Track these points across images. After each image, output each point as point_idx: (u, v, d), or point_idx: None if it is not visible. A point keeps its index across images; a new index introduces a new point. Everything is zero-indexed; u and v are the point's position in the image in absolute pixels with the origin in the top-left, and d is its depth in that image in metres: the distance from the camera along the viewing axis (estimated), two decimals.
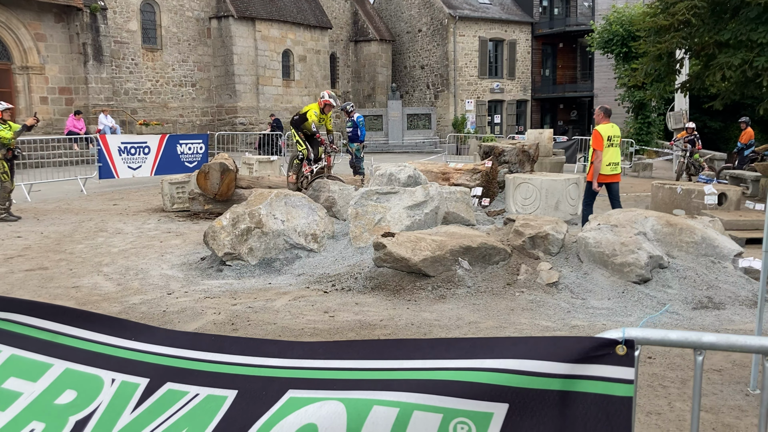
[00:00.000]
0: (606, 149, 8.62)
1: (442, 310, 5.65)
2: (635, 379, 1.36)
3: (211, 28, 28.66)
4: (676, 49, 12.80)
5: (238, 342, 1.70)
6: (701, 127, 25.50)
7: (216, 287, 6.46)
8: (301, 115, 11.12)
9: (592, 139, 8.80)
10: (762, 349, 1.35)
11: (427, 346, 1.51)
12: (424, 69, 38.23)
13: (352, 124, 14.25)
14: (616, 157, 8.79)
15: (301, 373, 1.56)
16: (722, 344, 1.37)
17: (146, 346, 1.71)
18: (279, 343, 1.67)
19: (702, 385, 4.02)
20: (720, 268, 6.41)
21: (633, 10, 24.74)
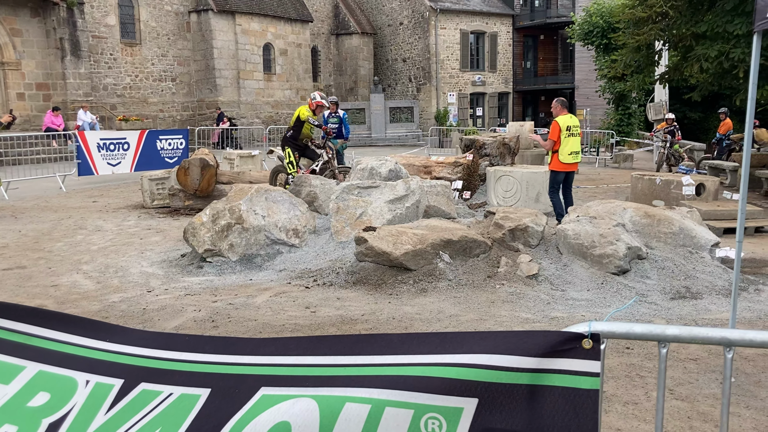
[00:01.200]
0: (566, 139, 8.80)
1: (423, 304, 5.67)
2: (601, 372, 1.38)
3: (190, 22, 28.42)
4: (654, 40, 12.89)
5: (212, 341, 1.70)
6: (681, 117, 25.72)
7: (196, 284, 6.44)
8: (294, 127, 10.63)
9: (550, 130, 8.95)
10: (723, 341, 1.37)
11: (398, 341, 1.52)
12: (406, 62, 38.19)
13: (337, 120, 13.70)
14: (577, 146, 8.97)
15: (273, 370, 1.56)
16: (685, 336, 1.39)
17: (121, 347, 1.71)
18: (252, 341, 1.68)
19: (679, 374, 4.08)
20: (697, 259, 6.49)
21: (613, 2, 24.84)
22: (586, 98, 33.01)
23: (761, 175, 13.78)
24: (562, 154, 8.84)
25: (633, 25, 13.02)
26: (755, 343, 1.36)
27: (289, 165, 10.56)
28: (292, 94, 31.91)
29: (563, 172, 8.99)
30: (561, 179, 9.06)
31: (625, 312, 5.40)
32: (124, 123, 23.26)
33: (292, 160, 10.54)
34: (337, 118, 13.66)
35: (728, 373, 1.46)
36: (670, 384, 3.96)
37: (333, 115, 13.60)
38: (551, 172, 9.08)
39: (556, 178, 9.04)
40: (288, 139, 10.69)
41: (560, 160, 8.87)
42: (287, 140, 10.71)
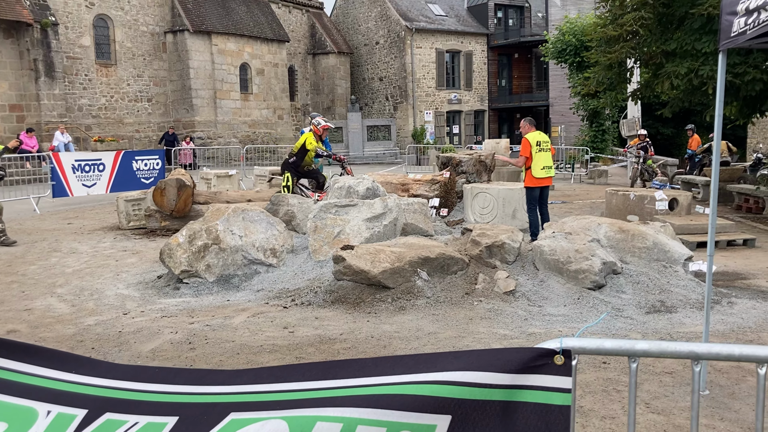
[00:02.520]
0: (537, 154, 8.96)
1: (402, 322, 5.67)
2: (573, 388, 1.40)
3: (166, 42, 28.37)
4: (626, 58, 13.11)
5: (182, 373, 1.69)
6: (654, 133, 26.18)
7: (173, 306, 6.38)
8: (297, 153, 10.49)
9: (521, 147, 9.09)
10: (691, 355, 1.40)
11: (371, 364, 1.53)
12: (382, 81, 38.43)
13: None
14: (549, 161, 9.11)
15: (244, 397, 1.56)
16: (654, 351, 1.42)
17: (87, 378, 1.69)
18: (224, 372, 1.68)
19: (654, 387, 4.11)
20: (671, 273, 6.58)
21: (585, 21, 25.30)
22: (561, 115, 33.43)
23: (732, 190, 14.03)
24: (535, 170, 8.97)
25: (605, 44, 13.25)
26: (722, 357, 1.39)
27: (284, 189, 10.43)
28: (270, 113, 31.91)
29: (538, 187, 9.11)
30: (536, 195, 9.17)
31: (601, 326, 5.45)
32: (99, 144, 23.06)
33: (288, 184, 10.44)
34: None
35: (696, 386, 1.48)
36: (647, 397, 4.00)
37: None
38: (526, 188, 9.19)
39: (531, 194, 9.15)
40: (289, 165, 10.60)
41: (533, 176, 9.00)
42: (288, 166, 10.61)
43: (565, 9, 32.55)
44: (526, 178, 9.18)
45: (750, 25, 3.43)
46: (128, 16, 27.09)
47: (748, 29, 3.46)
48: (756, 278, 7.48)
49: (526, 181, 9.15)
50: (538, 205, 9.23)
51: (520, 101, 40.00)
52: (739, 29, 3.56)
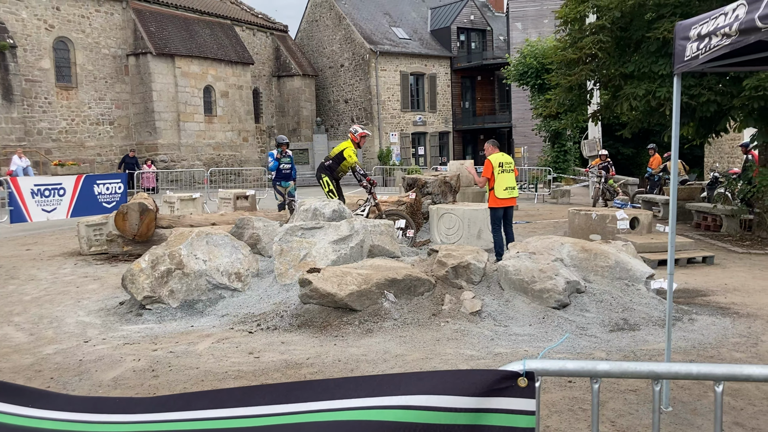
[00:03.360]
0: (500, 175, 9.09)
1: (369, 345, 5.65)
2: (537, 410, 1.41)
3: (129, 65, 28.13)
4: (586, 80, 13.41)
5: (142, 402, 1.66)
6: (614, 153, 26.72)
7: (135, 333, 6.25)
8: (334, 158, 10.37)
9: (484, 168, 9.22)
10: (651, 374, 1.42)
11: (334, 386, 1.51)
12: (348, 103, 38.62)
13: (290, 160, 13.58)
14: (511, 182, 9.24)
15: (206, 424, 1.53)
16: (615, 372, 1.44)
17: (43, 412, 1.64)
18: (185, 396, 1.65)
19: (619, 405, 4.16)
20: (634, 291, 6.69)
21: (545, 44, 25.84)
22: (524, 136, 33.95)
23: (691, 208, 14.36)
24: (498, 191, 9.09)
25: (565, 66, 13.53)
26: (680, 375, 1.42)
27: (329, 194, 10.29)
28: (234, 135, 31.77)
29: (501, 207, 9.22)
30: (500, 215, 9.27)
31: (566, 345, 5.50)
32: (59, 168, 22.64)
33: (331, 188, 10.32)
34: (289, 158, 13.60)
35: (657, 405, 1.50)
36: (612, 416, 4.03)
37: (285, 155, 13.54)
38: (490, 209, 9.29)
39: (495, 214, 9.25)
40: (326, 168, 10.43)
41: (496, 196, 9.12)
42: (324, 168, 10.43)
43: (526, 32, 33.24)
44: (489, 199, 9.30)
45: (702, 49, 3.54)
46: (89, 38, 26.83)
47: (701, 54, 3.57)
48: (715, 295, 7.64)
49: (490, 201, 9.26)
50: (502, 225, 9.33)
51: (483, 123, 40.55)
52: (692, 54, 3.68)
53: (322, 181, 10.39)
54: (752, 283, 8.27)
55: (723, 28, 3.27)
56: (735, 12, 3.19)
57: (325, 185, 10.35)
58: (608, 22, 11.83)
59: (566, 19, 13.39)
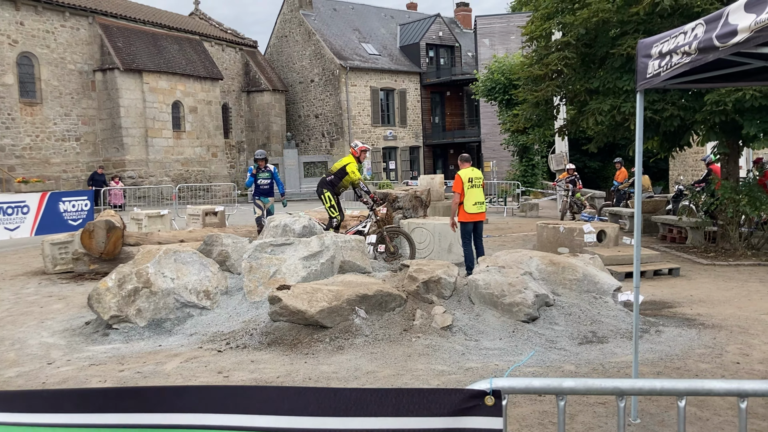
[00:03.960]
0: (469, 190, 9.18)
1: (340, 362, 5.61)
2: (504, 429, 1.41)
3: (95, 80, 27.81)
4: (552, 96, 13.60)
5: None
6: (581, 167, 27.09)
7: (102, 353, 6.14)
8: (336, 173, 10.34)
9: (454, 183, 9.31)
10: (616, 391, 1.44)
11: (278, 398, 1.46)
12: (318, 118, 38.64)
13: (269, 176, 13.02)
14: (480, 197, 9.35)
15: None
16: (581, 389, 1.45)
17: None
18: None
19: (588, 419, 4.19)
20: (602, 303, 6.77)
21: (512, 60, 26.18)
22: (492, 151, 34.27)
23: (657, 220, 14.61)
24: (467, 205, 9.18)
25: (532, 82, 13.72)
26: (644, 392, 1.44)
27: (330, 209, 10.32)
28: (203, 151, 31.53)
29: (471, 222, 9.30)
30: (470, 229, 9.35)
31: (535, 359, 5.53)
32: (23, 185, 22.19)
33: (333, 203, 10.28)
34: (268, 173, 13.03)
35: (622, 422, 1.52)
36: (581, 429, 4.06)
37: (263, 170, 13.01)
38: (460, 223, 9.35)
39: (465, 228, 9.32)
40: (327, 183, 10.41)
41: (466, 211, 9.20)
42: (326, 184, 10.41)
43: (493, 49, 33.65)
44: (459, 214, 9.36)
45: (663, 67, 3.62)
46: (54, 54, 26.48)
47: (662, 71, 3.65)
48: (681, 306, 7.77)
49: (460, 216, 9.33)
50: (472, 239, 9.39)
51: (453, 137, 40.89)
52: (654, 71, 3.76)
53: (324, 197, 10.36)
54: (717, 294, 8.43)
55: (683, 46, 3.35)
56: (694, 31, 3.27)
57: (327, 200, 10.32)
58: (573, 38, 12.04)
59: (532, 36, 13.59)
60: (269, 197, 13.03)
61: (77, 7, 27.10)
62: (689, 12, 10.20)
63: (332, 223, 10.33)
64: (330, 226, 10.31)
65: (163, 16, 33.62)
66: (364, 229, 10.38)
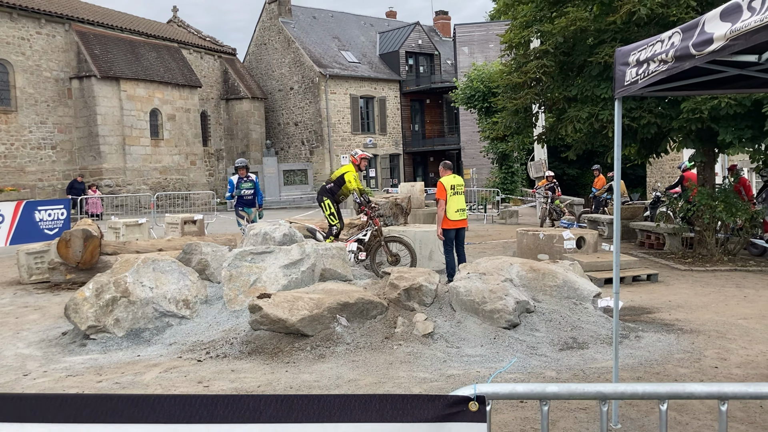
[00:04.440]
0: (451, 197, 9.23)
1: (321, 370, 5.58)
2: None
3: (72, 88, 27.52)
4: (531, 104, 13.71)
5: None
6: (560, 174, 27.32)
7: (79, 364, 6.04)
8: (335, 181, 10.32)
9: (437, 190, 9.34)
10: (599, 395, 1.44)
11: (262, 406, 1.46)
12: (298, 126, 38.57)
13: (252, 185, 12.58)
14: (462, 204, 9.40)
15: None
16: (564, 393, 1.46)
17: None
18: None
19: (570, 424, 4.20)
20: (582, 309, 6.81)
21: (491, 68, 26.37)
22: (472, 158, 34.45)
23: (635, 227, 14.76)
24: (450, 212, 9.20)
25: (510, 90, 13.82)
26: (626, 396, 1.44)
27: (330, 217, 10.23)
28: (182, 159, 31.32)
29: (453, 229, 9.32)
30: (452, 236, 9.37)
31: (517, 365, 5.54)
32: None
33: (332, 211, 10.22)
34: (251, 183, 12.66)
35: (604, 426, 1.53)
36: None
37: (245, 180, 12.61)
38: (443, 230, 9.36)
39: (447, 235, 9.34)
40: (327, 191, 10.36)
41: (448, 218, 9.22)
42: (326, 192, 10.36)
43: (472, 57, 33.89)
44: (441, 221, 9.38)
45: (641, 75, 3.67)
46: (30, 61, 26.18)
47: (640, 79, 3.69)
48: (660, 312, 7.84)
49: (442, 223, 9.34)
50: (454, 246, 9.41)
51: (433, 145, 41.04)
52: (631, 79, 3.80)
53: (324, 204, 10.30)
54: (695, 300, 8.53)
55: (660, 54, 3.40)
56: (671, 39, 3.31)
57: (327, 208, 10.25)
58: (551, 47, 12.16)
59: (511, 44, 13.71)
60: (252, 207, 12.67)
61: (53, 14, 26.84)
62: (665, 21, 10.35)
63: (332, 231, 10.27)
64: (330, 234, 10.27)
65: (141, 23, 33.42)
66: (364, 237, 10.36)
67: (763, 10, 2.60)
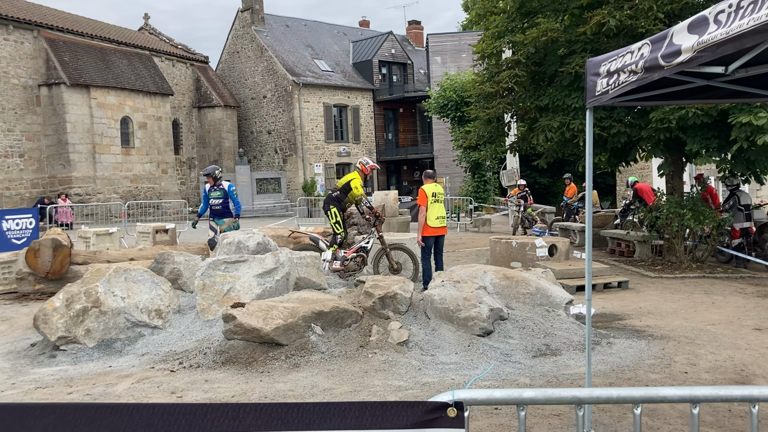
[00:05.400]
0: (431, 205, 9.34)
1: (296, 380, 5.56)
2: None
3: (40, 95, 27.08)
4: (503, 113, 13.86)
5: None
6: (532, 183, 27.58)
7: (48, 375, 5.94)
8: (341, 189, 10.33)
9: (418, 197, 9.46)
10: (574, 400, 1.47)
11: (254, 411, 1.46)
12: (271, 134, 38.41)
13: (221, 194, 11.57)
14: (442, 212, 9.54)
15: None
16: (541, 398, 1.48)
17: None
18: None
19: (544, 430, 4.24)
20: (554, 316, 6.88)
21: (464, 78, 26.59)
22: (445, 167, 34.63)
23: (606, 235, 14.96)
24: (430, 219, 9.30)
25: (483, 100, 13.96)
26: (602, 400, 1.47)
27: (336, 225, 10.17)
28: (153, 167, 30.99)
29: (432, 236, 9.39)
30: (431, 244, 9.43)
31: (491, 372, 5.58)
32: None
33: (338, 219, 10.16)
34: (221, 192, 11.61)
35: (580, 430, 1.55)
36: None
37: (214, 189, 11.64)
38: (422, 237, 9.42)
39: (426, 242, 9.40)
40: (334, 199, 10.31)
41: (428, 225, 9.30)
42: (333, 200, 10.30)
43: (445, 66, 34.12)
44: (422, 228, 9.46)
45: (611, 85, 3.74)
46: None
47: (610, 89, 3.76)
48: (631, 318, 7.95)
49: (422, 230, 9.41)
50: (432, 254, 9.47)
51: (406, 154, 41.17)
52: (602, 89, 3.87)
53: (330, 212, 10.24)
54: (664, 306, 8.67)
55: (630, 65, 3.47)
56: (640, 51, 3.39)
57: (333, 216, 10.21)
58: (523, 57, 12.32)
59: (483, 54, 13.85)
60: (224, 218, 11.60)
61: (21, 20, 26.43)
62: (634, 32, 10.55)
63: (336, 240, 10.23)
64: (333, 243, 10.24)
65: (112, 30, 33.06)
66: (367, 245, 10.35)
67: (729, 23, 2.68)
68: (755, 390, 1.77)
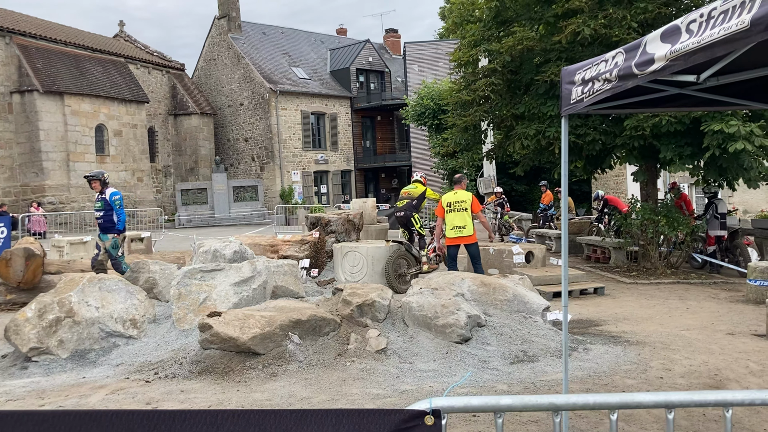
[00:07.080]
0: (447, 215, 9.54)
1: (273, 389, 5.52)
2: None
3: (12, 102, 26.69)
4: (480, 121, 13.95)
5: None
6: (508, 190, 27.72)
7: (20, 387, 5.82)
8: (418, 198, 11.78)
9: (437, 207, 9.84)
10: (551, 407, 1.47)
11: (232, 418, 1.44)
12: (248, 141, 38.24)
13: (103, 205, 9.54)
14: (459, 221, 9.48)
15: None
16: (518, 406, 1.48)
17: None
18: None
19: None
20: (531, 323, 6.91)
21: (441, 86, 26.71)
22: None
23: (581, 241, 15.09)
24: (447, 230, 9.37)
25: (460, 107, 14.04)
26: (578, 406, 1.48)
27: (421, 229, 11.89)
28: (128, 175, 30.68)
29: (450, 245, 9.46)
30: (453, 252, 9.60)
31: (469, 379, 5.58)
32: None
33: (421, 224, 11.88)
34: (101, 202, 9.63)
35: None
36: None
37: (98, 199, 9.74)
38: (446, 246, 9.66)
39: (448, 251, 9.58)
40: (414, 207, 11.83)
41: (446, 235, 9.40)
42: (413, 208, 11.82)
43: (422, 74, 34.26)
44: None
45: (586, 93, 3.78)
46: None
47: (585, 97, 3.80)
48: (607, 324, 8.02)
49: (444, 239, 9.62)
50: (454, 263, 9.58)
51: (384, 161, 41.25)
52: (577, 97, 3.91)
53: (414, 218, 11.73)
54: (640, 312, 8.75)
55: (604, 73, 3.51)
56: (614, 59, 3.43)
57: (417, 221, 11.81)
58: (499, 65, 12.41)
59: (460, 63, 13.95)
60: (108, 234, 9.58)
61: None
62: (608, 41, 10.69)
63: (424, 242, 11.61)
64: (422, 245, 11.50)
65: (87, 37, 32.73)
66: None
67: (700, 32, 2.72)
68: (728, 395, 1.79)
